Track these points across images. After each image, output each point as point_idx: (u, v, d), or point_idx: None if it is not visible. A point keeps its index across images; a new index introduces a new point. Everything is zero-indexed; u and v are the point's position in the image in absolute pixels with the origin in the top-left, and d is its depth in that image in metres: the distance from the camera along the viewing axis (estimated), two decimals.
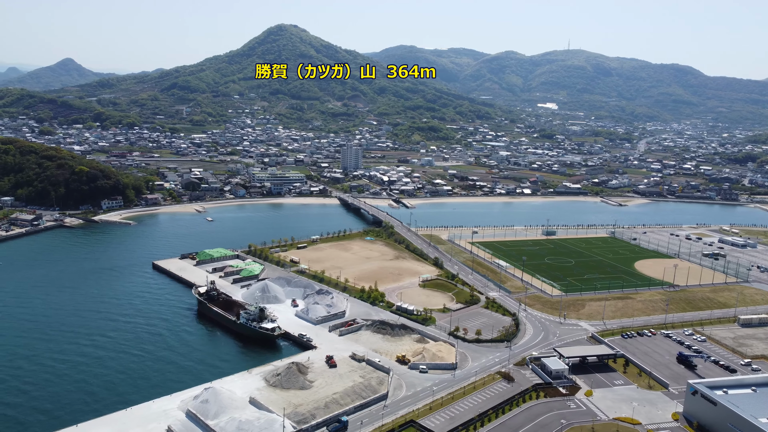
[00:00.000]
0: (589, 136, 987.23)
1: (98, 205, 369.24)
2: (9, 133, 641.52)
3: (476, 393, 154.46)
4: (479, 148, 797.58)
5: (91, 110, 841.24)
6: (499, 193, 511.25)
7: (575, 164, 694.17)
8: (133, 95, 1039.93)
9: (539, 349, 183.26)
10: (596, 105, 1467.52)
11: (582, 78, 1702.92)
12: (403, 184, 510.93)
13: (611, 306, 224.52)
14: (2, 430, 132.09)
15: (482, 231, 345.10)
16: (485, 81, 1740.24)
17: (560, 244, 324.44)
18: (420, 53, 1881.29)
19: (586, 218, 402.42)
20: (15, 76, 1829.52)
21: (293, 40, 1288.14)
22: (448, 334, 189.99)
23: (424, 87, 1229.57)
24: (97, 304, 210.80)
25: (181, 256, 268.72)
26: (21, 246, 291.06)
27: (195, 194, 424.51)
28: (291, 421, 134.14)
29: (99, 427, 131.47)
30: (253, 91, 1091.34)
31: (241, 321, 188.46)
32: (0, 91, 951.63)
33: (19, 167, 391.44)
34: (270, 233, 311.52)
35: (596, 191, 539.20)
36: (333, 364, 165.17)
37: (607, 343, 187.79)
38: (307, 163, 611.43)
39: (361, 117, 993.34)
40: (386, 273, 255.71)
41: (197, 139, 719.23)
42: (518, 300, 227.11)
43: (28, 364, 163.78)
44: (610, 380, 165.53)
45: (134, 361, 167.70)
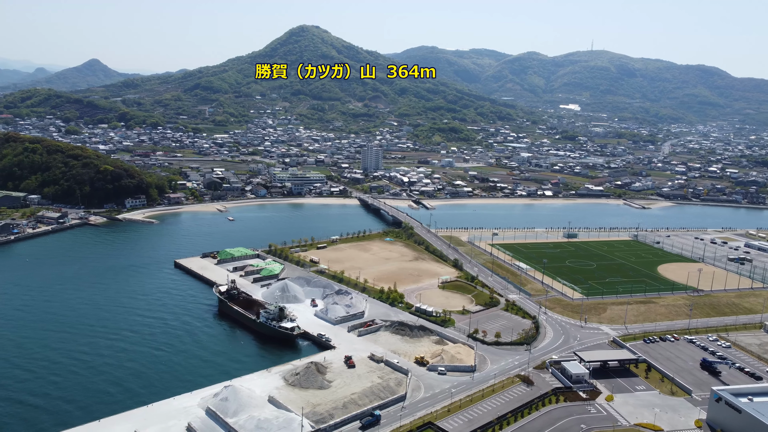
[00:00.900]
0: (612, 137, 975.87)
1: (122, 204, 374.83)
2: (36, 132, 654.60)
3: (495, 396, 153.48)
4: (500, 150, 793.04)
5: (116, 110, 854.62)
6: (520, 195, 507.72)
7: (598, 166, 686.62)
8: (157, 95, 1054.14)
9: (559, 353, 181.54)
10: (620, 106, 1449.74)
11: (605, 79, 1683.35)
12: (423, 185, 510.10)
13: (633, 310, 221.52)
14: (31, 421, 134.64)
15: (502, 233, 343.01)
16: (507, 82, 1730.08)
17: (582, 247, 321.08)
18: (441, 54, 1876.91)
19: (608, 221, 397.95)
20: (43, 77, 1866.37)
21: (315, 41, 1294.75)
22: (467, 336, 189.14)
23: (445, 88, 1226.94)
24: (119, 301, 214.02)
25: (203, 255, 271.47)
26: (47, 243, 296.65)
27: (217, 194, 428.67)
28: (309, 421, 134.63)
29: (120, 422, 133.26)
30: (274, 92, 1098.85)
31: (261, 320, 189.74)
32: (28, 92, 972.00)
33: (46, 166, 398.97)
34: (290, 233, 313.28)
35: (619, 194, 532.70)
36: (351, 365, 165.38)
37: (628, 347, 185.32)
38: (328, 163, 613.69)
39: (382, 118, 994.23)
40: (405, 274, 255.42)
41: (219, 139, 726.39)
42: (538, 303, 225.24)
43: (55, 357, 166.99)
44: (632, 385, 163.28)
45: (156, 358, 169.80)
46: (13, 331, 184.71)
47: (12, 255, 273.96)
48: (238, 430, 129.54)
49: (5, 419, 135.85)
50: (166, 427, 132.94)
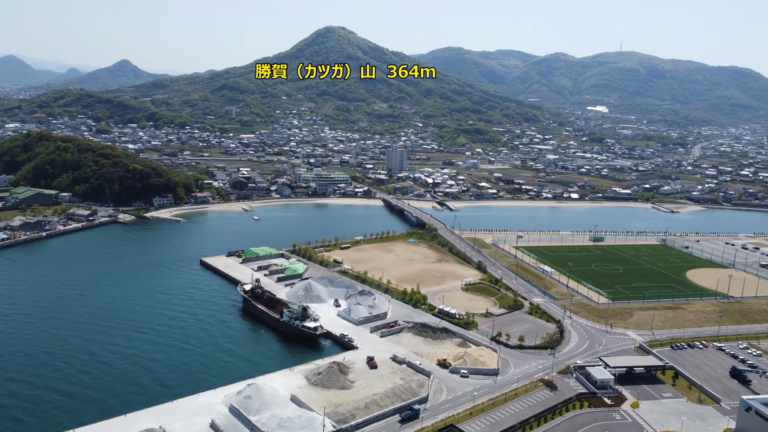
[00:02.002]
0: (641, 140, 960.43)
1: (150, 203, 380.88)
2: (68, 131, 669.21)
3: (518, 400, 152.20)
4: (526, 152, 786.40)
5: (145, 110, 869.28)
6: (545, 198, 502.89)
7: (625, 169, 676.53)
8: (185, 96, 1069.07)
9: (584, 358, 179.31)
10: (649, 108, 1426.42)
11: (634, 80, 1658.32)
12: (448, 186, 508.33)
13: (661, 316, 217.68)
14: (60, 415, 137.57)
15: (527, 235, 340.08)
16: (533, 83, 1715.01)
17: (608, 251, 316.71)
18: (467, 55, 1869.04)
19: (635, 225, 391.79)
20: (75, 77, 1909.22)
21: (341, 42, 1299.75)
22: (491, 339, 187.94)
23: (470, 89, 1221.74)
24: (147, 298, 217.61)
25: (228, 254, 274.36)
26: (77, 240, 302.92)
27: (242, 193, 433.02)
28: (331, 421, 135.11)
29: (146, 417, 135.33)
30: (300, 93, 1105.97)
31: (284, 319, 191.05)
32: (61, 92, 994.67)
33: (77, 164, 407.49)
34: (314, 233, 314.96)
35: (647, 197, 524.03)
36: (374, 365, 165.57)
37: (655, 354, 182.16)
38: (352, 164, 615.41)
39: (407, 119, 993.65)
40: (429, 275, 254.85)
41: (245, 139, 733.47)
42: (563, 307, 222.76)
43: (87, 350, 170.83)
44: (658, 392, 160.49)
45: (181, 354, 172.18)
46: (47, 324, 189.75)
47: (44, 251, 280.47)
48: (260, 428, 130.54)
49: (38, 408, 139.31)
50: (191, 423, 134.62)
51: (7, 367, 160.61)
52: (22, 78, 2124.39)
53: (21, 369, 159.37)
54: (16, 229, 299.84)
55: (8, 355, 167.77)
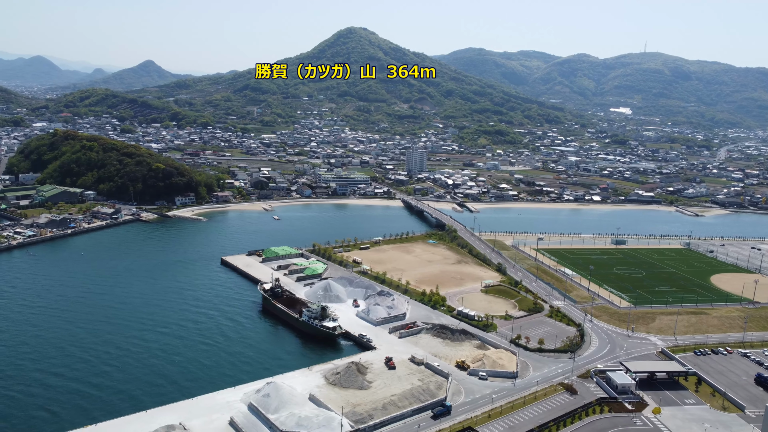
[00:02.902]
0: (665, 142, 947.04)
1: (172, 201, 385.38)
2: (94, 130, 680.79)
3: (537, 403, 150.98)
4: (547, 153, 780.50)
5: (169, 110, 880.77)
6: (566, 200, 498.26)
7: (649, 171, 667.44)
8: (208, 96, 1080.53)
9: (605, 362, 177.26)
10: (673, 110, 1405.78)
11: (658, 82, 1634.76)
12: (468, 187, 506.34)
13: (684, 321, 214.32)
14: (84, 409, 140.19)
15: (548, 238, 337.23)
16: (555, 84, 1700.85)
17: (630, 254, 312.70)
18: (489, 56, 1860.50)
19: (659, 228, 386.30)
20: (100, 77, 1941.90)
21: (362, 42, 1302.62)
22: (510, 342, 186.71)
23: (491, 90, 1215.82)
24: (169, 296, 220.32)
25: (248, 253, 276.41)
26: (101, 237, 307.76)
27: (263, 193, 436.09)
28: (349, 420, 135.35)
29: (166, 414, 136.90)
30: (321, 93, 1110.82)
31: (303, 318, 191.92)
32: (87, 91, 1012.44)
33: (102, 163, 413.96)
34: (334, 233, 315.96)
35: (671, 200, 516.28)
36: (392, 366, 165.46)
37: (678, 359, 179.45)
38: (372, 164, 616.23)
39: (427, 120, 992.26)
40: (448, 277, 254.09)
41: (267, 140, 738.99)
42: (584, 310, 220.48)
43: (109, 347, 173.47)
44: (681, 399, 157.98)
45: (201, 352, 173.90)
46: (73, 318, 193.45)
47: (69, 248, 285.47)
48: (279, 426, 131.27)
49: (63, 401, 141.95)
50: (210, 420, 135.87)
51: (35, 359, 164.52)
52: (50, 78, 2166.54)
53: (48, 362, 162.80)
54: (43, 226, 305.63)
55: (37, 348, 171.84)
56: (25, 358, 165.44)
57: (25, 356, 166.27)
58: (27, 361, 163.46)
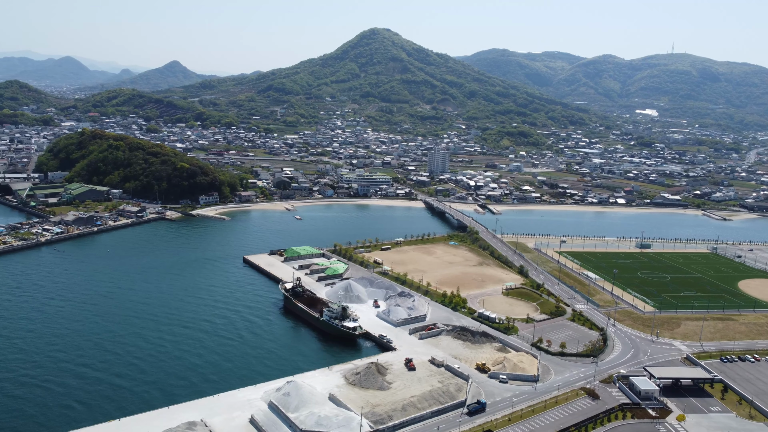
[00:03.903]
0: (692, 145, 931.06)
1: (196, 200, 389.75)
2: (120, 130, 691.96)
3: (558, 408, 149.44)
4: (571, 155, 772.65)
5: (194, 110, 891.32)
6: (590, 202, 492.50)
7: (675, 174, 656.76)
8: (232, 96, 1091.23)
9: (628, 367, 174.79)
10: (701, 112, 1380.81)
11: (686, 83, 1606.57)
12: (490, 189, 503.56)
13: (710, 327, 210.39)
14: (109, 403, 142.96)
15: (571, 240, 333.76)
16: (580, 86, 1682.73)
17: (655, 258, 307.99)
18: (512, 57, 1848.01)
19: (685, 232, 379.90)
20: (127, 78, 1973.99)
21: (385, 43, 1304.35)
22: (531, 345, 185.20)
23: (515, 91, 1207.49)
24: (192, 293, 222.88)
25: (270, 252, 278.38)
26: (127, 235, 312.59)
27: (285, 193, 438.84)
28: (368, 421, 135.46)
29: (188, 411, 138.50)
30: (344, 94, 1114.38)
31: (324, 318, 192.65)
32: (114, 91, 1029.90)
33: (128, 162, 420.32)
34: (355, 233, 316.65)
35: (697, 204, 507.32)
36: (412, 367, 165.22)
37: (703, 366, 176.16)
38: (394, 165, 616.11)
39: (450, 121, 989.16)
40: (469, 279, 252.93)
41: (289, 140, 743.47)
42: (607, 314, 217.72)
43: (133, 344, 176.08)
44: (706, 406, 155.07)
45: (223, 350, 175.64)
46: (100, 315, 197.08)
47: (95, 245, 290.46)
48: (298, 425, 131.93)
49: (89, 396, 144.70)
50: (231, 417, 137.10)
51: (66, 351, 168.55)
52: (78, 78, 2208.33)
53: (78, 355, 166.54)
54: (70, 223, 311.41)
55: (68, 340, 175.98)
56: (57, 350, 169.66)
57: (57, 348, 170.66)
58: (57, 354, 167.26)
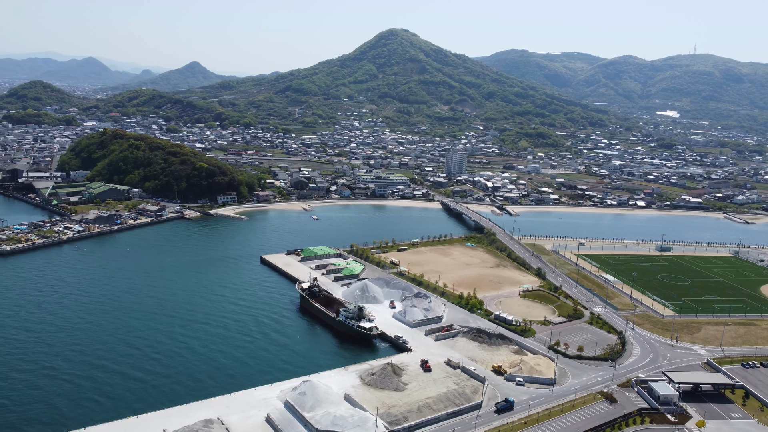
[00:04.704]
0: (714, 146, 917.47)
1: (215, 200, 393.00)
2: (141, 130, 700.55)
3: (575, 411, 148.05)
4: (590, 157, 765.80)
5: (213, 110, 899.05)
6: (609, 204, 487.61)
7: (696, 177, 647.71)
8: (251, 97, 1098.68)
9: (647, 372, 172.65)
10: (723, 114, 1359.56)
11: (708, 84, 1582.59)
12: (508, 190, 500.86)
13: (731, 331, 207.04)
14: (129, 399, 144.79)
15: (589, 243, 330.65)
16: (600, 86, 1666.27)
17: (675, 262, 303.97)
18: (531, 57, 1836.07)
19: (706, 235, 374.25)
20: (148, 78, 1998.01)
21: (403, 44, 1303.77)
22: (548, 348, 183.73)
23: (534, 92, 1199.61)
24: (210, 292, 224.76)
25: (287, 252, 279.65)
26: (146, 234, 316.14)
27: (303, 193, 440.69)
28: (384, 422, 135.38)
29: (205, 408, 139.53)
30: (362, 95, 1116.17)
31: (340, 318, 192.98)
32: (135, 92, 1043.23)
33: (148, 162, 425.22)
34: (372, 234, 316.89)
35: (719, 206, 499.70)
36: (428, 369, 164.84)
37: (724, 371, 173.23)
38: (412, 166, 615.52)
39: (468, 122, 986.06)
40: (486, 280, 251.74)
41: (307, 140, 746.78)
42: (626, 318, 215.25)
43: (153, 341, 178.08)
44: (726, 412, 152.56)
45: (240, 348, 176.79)
46: (120, 312, 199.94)
47: (115, 243, 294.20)
48: (314, 424, 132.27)
49: (109, 392, 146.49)
50: (247, 416, 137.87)
51: (86, 348, 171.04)
52: (100, 79, 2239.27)
53: (98, 351, 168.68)
54: (91, 222, 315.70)
55: (88, 337, 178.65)
56: (78, 346, 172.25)
57: (78, 343, 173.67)
58: (79, 349, 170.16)
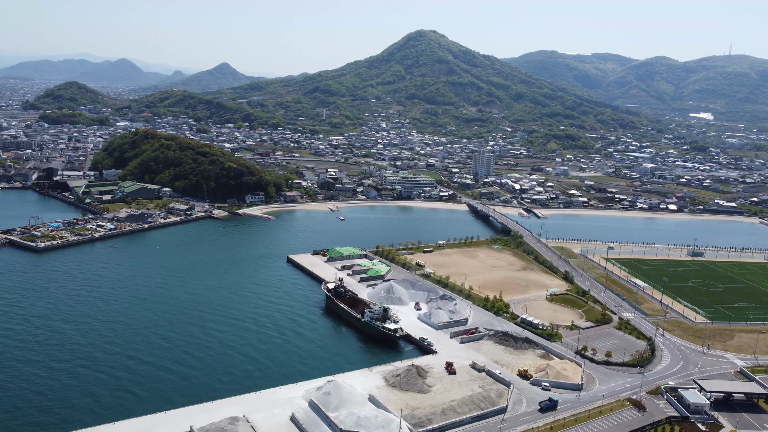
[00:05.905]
0: (750, 150, 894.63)
1: (243, 200, 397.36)
2: (171, 130, 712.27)
3: (602, 418, 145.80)
4: (620, 159, 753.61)
5: (242, 111, 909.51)
6: (640, 208, 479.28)
7: (731, 180, 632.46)
8: (279, 97, 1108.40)
9: (677, 379, 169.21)
10: (760, 116, 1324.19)
11: (744, 86, 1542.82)
12: (536, 193, 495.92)
13: (766, 340, 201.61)
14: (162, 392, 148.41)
15: (619, 247, 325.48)
16: (631, 88, 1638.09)
17: (708, 267, 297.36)
18: (561, 59, 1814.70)
19: (740, 240, 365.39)
20: (179, 79, 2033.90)
21: (431, 45, 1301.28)
22: (575, 353, 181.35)
23: (563, 94, 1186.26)
24: (237, 291, 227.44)
25: (313, 252, 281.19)
26: (176, 232, 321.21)
27: (329, 193, 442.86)
28: (408, 423, 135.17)
29: (231, 405, 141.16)
30: (389, 96, 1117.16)
31: (365, 319, 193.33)
32: (166, 93, 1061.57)
33: (178, 161, 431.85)
34: (398, 235, 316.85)
35: (755, 211, 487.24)
36: (452, 371, 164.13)
37: (758, 380, 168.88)
38: (438, 167, 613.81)
39: (496, 123, 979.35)
40: (512, 283, 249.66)
41: (334, 141, 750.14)
42: (655, 324, 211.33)
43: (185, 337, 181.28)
44: (760, 422, 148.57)
45: (266, 347, 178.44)
46: (151, 308, 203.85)
47: (146, 241, 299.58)
48: (338, 424, 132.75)
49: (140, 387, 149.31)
50: (272, 414, 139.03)
51: (119, 343, 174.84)
52: (132, 80, 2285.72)
53: (126, 350, 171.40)
54: (122, 220, 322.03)
55: (121, 333, 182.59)
56: (110, 341, 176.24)
57: (110, 340, 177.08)
58: (112, 344, 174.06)
